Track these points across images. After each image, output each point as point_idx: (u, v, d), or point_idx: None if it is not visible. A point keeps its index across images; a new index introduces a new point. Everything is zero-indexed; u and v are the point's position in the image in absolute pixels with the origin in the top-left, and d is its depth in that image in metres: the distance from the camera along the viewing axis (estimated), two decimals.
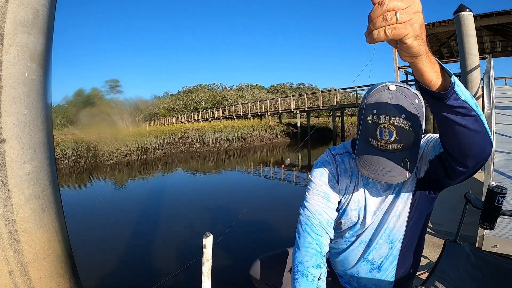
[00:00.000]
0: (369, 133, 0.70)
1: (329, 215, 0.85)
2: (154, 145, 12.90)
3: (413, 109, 0.67)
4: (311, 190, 0.88)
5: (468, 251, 1.12)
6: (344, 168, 0.88)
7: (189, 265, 2.51)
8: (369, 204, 0.84)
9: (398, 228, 0.83)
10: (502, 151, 3.29)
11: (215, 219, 4.23)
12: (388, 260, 0.86)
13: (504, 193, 1.01)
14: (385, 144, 0.68)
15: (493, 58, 5.15)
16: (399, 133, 0.66)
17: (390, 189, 0.83)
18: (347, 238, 0.90)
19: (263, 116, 22.75)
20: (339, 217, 0.89)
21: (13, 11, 1.17)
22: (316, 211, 0.84)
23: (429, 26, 8.68)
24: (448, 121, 0.56)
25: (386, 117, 0.67)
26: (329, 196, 0.86)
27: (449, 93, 0.52)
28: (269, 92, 50.57)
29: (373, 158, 0.70)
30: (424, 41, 0.46)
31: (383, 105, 0.68)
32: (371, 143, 0.70)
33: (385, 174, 0.68)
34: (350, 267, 0.91)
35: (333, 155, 0.90)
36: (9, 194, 1.21)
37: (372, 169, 0.69)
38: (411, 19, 0.42)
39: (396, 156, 0.68)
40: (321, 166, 0.90)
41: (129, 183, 7.66)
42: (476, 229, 1.82)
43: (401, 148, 0.68)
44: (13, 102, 1.20)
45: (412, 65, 0.50)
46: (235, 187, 6.77)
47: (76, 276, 1.57)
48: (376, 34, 0.43)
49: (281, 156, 12.44)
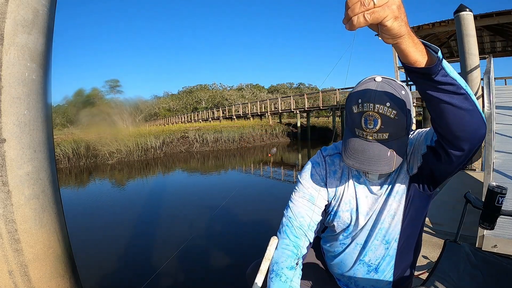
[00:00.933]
0: (355, 123, 0.69)
1: (311, 218, 0.84)
2: (154, 145, 12.90)
3: (399, 100, 0.66)
4: (297, 192, 0.87)
5: (468, 251, 1.12)
6: (333, 170, 0.87)
7: (185, 259, 2.51)
8: (360, 205, 0.83)
9: (393, 227, 0.82)
10: (502, 151, 3.29)
11: (215, 218, 4.23)
12: (385, 261, 0.85)
13: (504, 193, 1.01)
14: (370, 133, 0.67)
15: (493, 58, 5.14)
16: (384, 122, 0.65)
17: (382, 188, 0.81)
18: (342, 240, 0.89)
19: (263, 116, 22.75)
20: (332, 220, 0.88)
21: (13, 11, 1.17)
22: (299, 213, 0.84)
23: (429, 26, 8.69)
24: (439, 101, 0.56)
25: (371, 105, 0.66)
26: (315, 200, 0.85)
27: (436, 67, 0.51)
28: (269, 92, 50.58)
29: (359, 149, 0.69)
30: (405, 22, 0.46)
31: (367, 94, 0.67)
32: (357, 134, 0.69)
33: (370, 163, 0.67)
34: (347, 270, 0.90)
35: (324, 156, 0.89)
36: (9, 194, 1.21)
37: (357, 159, 0.68)
38: (388, 1, 0.43)
39: (382, 146, 0.67)
40: (310, 168, 0.89)
41: (129, 183, 7.66)
42: (476, 229, 1.82)
43: (387, 138, 0.67)
44: (13, 102, 1.20)
45: (395, 46, 0.50)
46: (235, 187, 6.76)
47: (76, 276, 1.57)
48: (355, 20, 0.44)
49: (281, 156, 12.45)
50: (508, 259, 1.04)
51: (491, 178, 2.15)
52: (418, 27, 9.01)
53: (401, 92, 0.68)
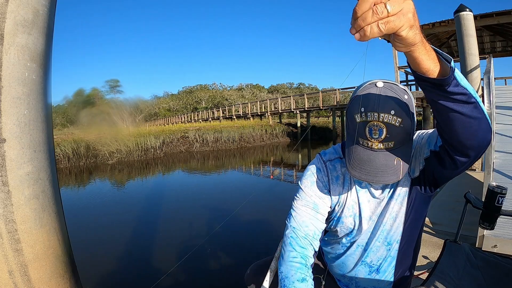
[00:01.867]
0: (358, 133, 0.67)
1: (316, 227, 0.82)
2: (154, 145, 12.89)
3: (403, 105, 0.64)
4: (300, 200, 0.84)
5: (468, 251, 1.12)
6: (336, 176, 0.84)
7: (185, 261, 2.51)
8: (363, 210, 0.82)
9: (395, 229, 0.81)
10: (502, 151, 3.29)
11: (214, 219, 4.23)
12: (386, 261, 0.85)
13: (504, 193, 1.01)
14: (375, 143, 0.65)
15: (493, 58, 5.14)
16: (390, 131, 0.64)
17: (384, 192, 0.81)
18: (344, 243, 0.89)
19: (263, 116, 22.75)
20: (335, 225, 0.87)
21: (13, 11, 1.17)
22: (303, 223, 0.82)
23: (429, 26, 8.68)
24: (449, 110, 0.54)
25: (375, 114, 0.64)
26: (318, 207, 0.83)
27: (450, 78, 0.49)
28: (269, 92, 50.56)
29: (364, 159, 0.66)
30: (419, 29, 0.43)
31: (371, 102, 0.65)
32: (361, 143, 0.67)
33: (377, 174, 0.65)
34: (349, 271, 0.90)
35: (324, 161, 0.86)
36: (9, 194, 1.21)
37: (363, 170, 0.66)
38: (403, 8, 0.39)
39: (388, 155, 0.65)
40: (311, 174, 0.86)
41: (129, 183, 7.66)
42: (476, 229, 1.82)
43: (392, 146, 0.65)
44: (13, 102, 1.20)
45: (407, 54, 0.47)
46: (235, 187, 6.76)
47: (76, 276, 1.56)
48: (368, 30, 0.40)
49: (281, 156, 12.44)
50: (508, 259, 1.04)
51: (491, 178, 2.15)
52: None
53: (404, 96, 0.66)
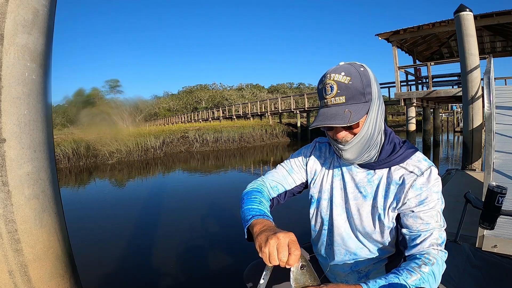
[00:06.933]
0: (320, 97, 0.78)
1: (281, 184, 0.96)
2: (154, 145, 12.89)
3: (354, 71, 0.74)
4: (283, 163, 1.01)
5: (468, 251, 1.12)
6: (318, 155, 0.96)
7: (185, 261, 2.50)
8: (335, 196, 0.88)
9: (383, 234, 0.82)
10: (502, 151, 3.29)
11: (214, 218, 4.23)
12: (375, 270, 0.87)
13: (504, 193, 1.01)
14: (329, 99, 0.75)
15: (493, 58, 5.14)
16: (340, 87, 0.73)
17: (366, 190, 0.83)
18: (324, 229, 0.92)
19: (263, 116, 22.74)
20: (315, 208, 0.94)
21: (13, 11, 1.17)
22: (272, 177, 0.97)
23: (429, 26, 8.69)
24: None
25: (328, 76, 0.75)
26: (293, 171, 0.97)
27: None
28: (269, 92, 50.56)
29: (321, 113, 0.77)
30: None
31: (327, 71, 0.77)
32: (321, 105, 0.79)
33: (327, 120, 0.74)
34: (339, 278, 0.93)
35: (317, 141, 0.99)
36: (9, 194, 1.21)
37: (318, 119, 0.76)
38: None
39: (339, 107, 0.75)
40: (303, 148, 1.01)
41: (129, 183, 7.66)
42: (476, 229, 1.82)
43: (344, 101, 0.74)
44: (13, 102, 1.20)
45: None
46: (235, 187, 6.76)
47: (76, 276, 1.56)
48: None
49: (281, 156, 12.45)
50: (508, 259, 1.04)
51: (491, 178, 2.15)
52: (418, 27, 9.00)
53: (360, 68, 0.75)
